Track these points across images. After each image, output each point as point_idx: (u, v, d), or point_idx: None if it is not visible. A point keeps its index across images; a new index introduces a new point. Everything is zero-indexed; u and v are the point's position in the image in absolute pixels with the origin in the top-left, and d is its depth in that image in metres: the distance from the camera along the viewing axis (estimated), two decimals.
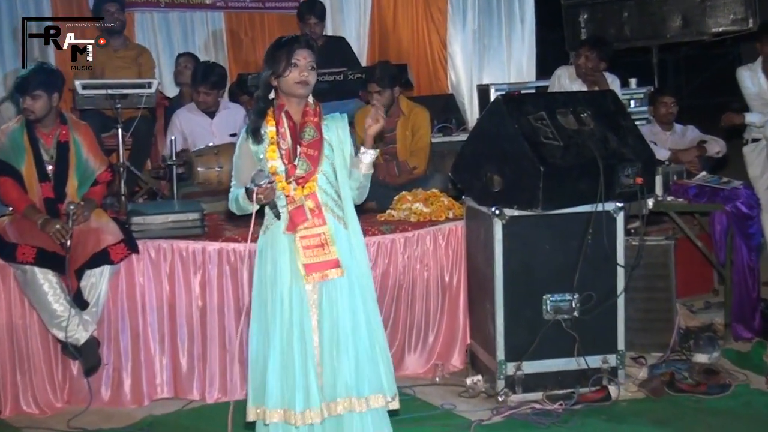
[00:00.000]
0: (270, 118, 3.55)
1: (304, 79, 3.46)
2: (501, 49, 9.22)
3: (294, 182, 3.49)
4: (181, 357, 4.83)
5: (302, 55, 3.46)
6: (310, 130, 3.54)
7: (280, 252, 3.50)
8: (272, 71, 3.48)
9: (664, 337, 5.15)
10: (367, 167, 3.56)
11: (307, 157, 3.51)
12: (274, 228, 3.52)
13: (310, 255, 3.48)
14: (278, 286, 3.49)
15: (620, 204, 4.70)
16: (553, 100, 4.97)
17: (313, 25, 7.26)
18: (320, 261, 3.48)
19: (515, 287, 4.63)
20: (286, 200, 3.50)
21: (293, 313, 3.47)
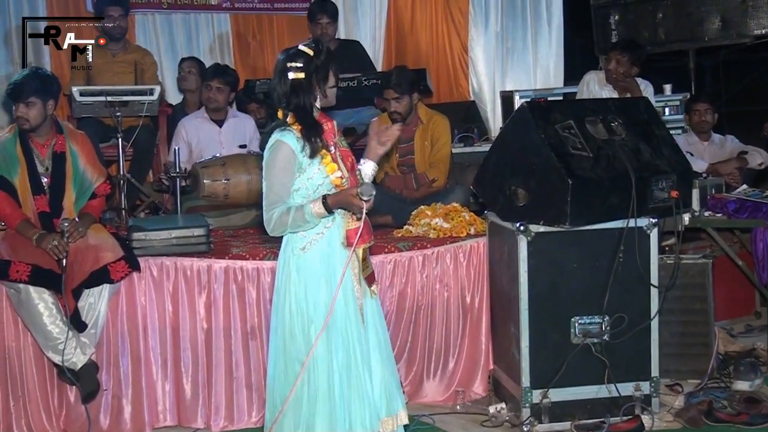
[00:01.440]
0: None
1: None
2: (526, 53, 9.24)
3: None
4: (185, 383, 4.86)
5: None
6: (342, 140, 3.66)
7: (335, 267, 3.51)
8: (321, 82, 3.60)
9: (701, 363, 5.14)
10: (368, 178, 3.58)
11: (353, 168, 3.60)
12: (322, 244, 3.50)
13: (365, 267, 3.58)
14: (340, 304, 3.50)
15: (654, 219, 4.71)
16: (582, 108, 4.98)
17: (324, 25, 7.31)
18: (370, 273, 3.62)
19: (541, 309, 4.64)
20: (347, 216, 3.53)
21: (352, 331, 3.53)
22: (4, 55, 7.73)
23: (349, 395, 3.49)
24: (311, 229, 3.47)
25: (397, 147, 6.16)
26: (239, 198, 5.83)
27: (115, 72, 6.82)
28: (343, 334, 3.50)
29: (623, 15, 8.94)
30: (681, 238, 5.03)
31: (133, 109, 5.92)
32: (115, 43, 6.91)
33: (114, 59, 6.88)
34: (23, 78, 4.72)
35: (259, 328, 4.86)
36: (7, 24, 7.68)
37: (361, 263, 3.56)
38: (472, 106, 8.82)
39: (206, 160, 5.98)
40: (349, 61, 7.27)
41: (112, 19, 6.80)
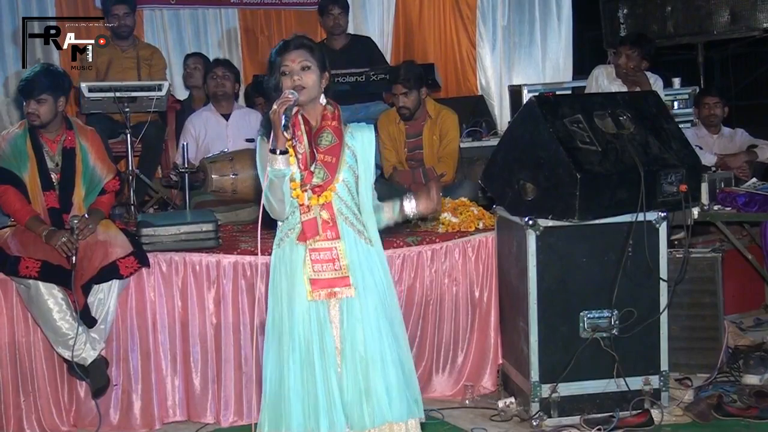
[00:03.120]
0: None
1: (298, 83, 3.38)
2: (534, 48, 9.23)
3: (309, 190, 3.44)
4: (195, 378, 4.87)
5: (290, 59, 3.40)
6: (327, 135, 3.49)
7: (296, 264, 3.46)
8: (274, 82, 3.45)
9: (711, 356, 5.14)
10: (392, 220, 3.59)
11: (325, 164, 3.45)
12: (290, 240, 3.47)
13: (318, 270, 3.43)
14: (296, 302, 3.44)
15: (663, 213, 4.70)
16: (591, 102, 4.98)
17: (337, 15, 7.33)
18: (328, 278, 3.43)
19: (550, 303, 4.64)
20: (300, 210, 3.44)
21: (313, 331, 3.42)
22: (13, 53, 7.76)
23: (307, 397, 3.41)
24: (285, 226, 3.48)
25: (406, 142, 6.17)
26: (247, 193, 5.84)
27: (125, 68, 6.83)
28: (299, 338, 3.42)
29: (632, 9, 8.94)
30: (690, 231, 5.01)
31: (141, 104, 5.93)
32: (124, 41, 6.92)
33: (123, 55, 6.89)
34: (34, 75, 4.72)
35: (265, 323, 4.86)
36: (16, 22, 7.70)
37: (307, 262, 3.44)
38: (480, 100, 8.81)
39: (214, 155, 5.99)
40: (359, 56, 7.28)
41: (117, 18, 6.81)
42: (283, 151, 3.31)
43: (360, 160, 3.51)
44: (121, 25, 6.83)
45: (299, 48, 3.43)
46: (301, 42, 3.46)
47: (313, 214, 3.43)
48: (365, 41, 7.77)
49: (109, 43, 6.78)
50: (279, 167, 3.32)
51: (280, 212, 3.43)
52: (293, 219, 3.45)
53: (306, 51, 3.43)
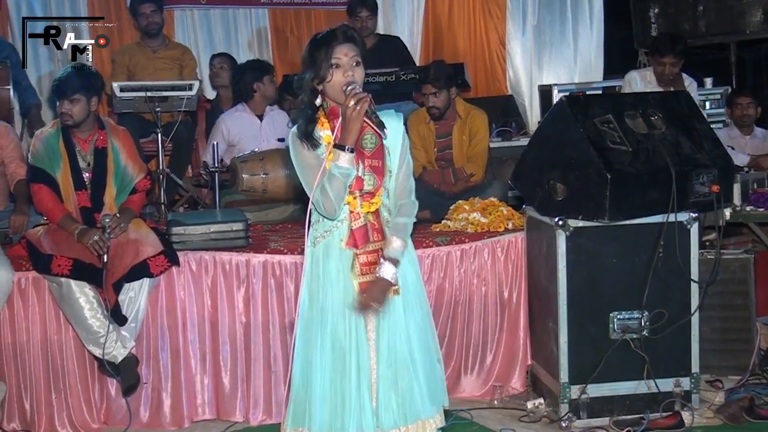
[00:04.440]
0: (323, 120, 3.37)
1: (350, 79, 3.26)
2: (565, 47, 9.20)
3: (359, 197, 3.36)
4: (224, 376, 4.89)
5: (342, 51, 3.27)
6: (371, 137, 3.36)
7: (336, 267, 3.39)
8: (314, 75, 3.30)
9: (742, 358, 5.09)
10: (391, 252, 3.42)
11: (373, 169, 3.35)
12: (329, 240, 3.39)
13: (366, 273, 3.38)
14: (330, 304, 3.39)
15: (694, 214, 4.66)
16: (621, 102, 4.94)
17: (365, 18, 7.34)
18: (370, 282, 3.38)
19: (580, 304, 4.61)
20: (350, 216, 3.36)
21: (349, 333, 3.38)
22: (46, 53, 7.82)
23: (335, 398, 3.38)
24: (321, 226, 3.39)
25: (436, 142, 6.16)
26: (277, 192, 5.86)
27: (157, 69, 6.88)
28: (333, 338, 3.38)
29: (663, 8, 8.88)
30: (722, 232, 4.98)
31: (172, 104, 5.97)
32: (154, 40, 6.97)
33: (155, 56, 6.94)
34: (68, 75, 4.77)
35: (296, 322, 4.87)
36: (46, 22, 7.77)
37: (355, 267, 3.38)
38: (509, 100, 8.80)
39: (245, 155, 6.01)
40: (389, 57, 7.29)
41: (144, 16, 6.87)
42: (351, 149, 3.23)
43: (392, 154, 3.42)
44: (150, 23, 6.89)
45: (350, 41, 3.31)
46: (352, 35, 3.34)
47: (364, 221, 3.38)
48: (394, 41, 7.78)
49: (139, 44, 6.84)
50: (345, 165, 3.23)
51: (336, 210, 3.31)
52: (329, 223, 3.38)
53: (355, 45, 3.32)
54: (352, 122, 3.20)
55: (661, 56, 6.45)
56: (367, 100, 3.18)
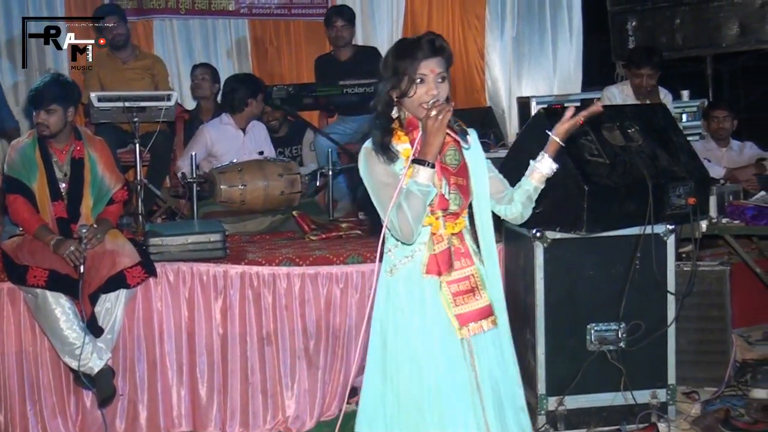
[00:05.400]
0: (400, 134, 3.10)
1: (434, 97, 2.98)
2: (543, 58, 9.22)
3: (442, 218, 3.10)
4: (201, 388, 4.86)
5: (429, 67, 2.99)
6: (454, 153, 3.12)
7: (430, 300, 3.09)
8: (393, 87, 3.04)
9: (718, 370, 5.11)
10: (541, 180, 3.23)
11: (458, 187, 3.10)
12: (409, 269, 3.10)
13: (461, 303, 3.09)
14: (438, 343, 3.07)
15: (671, 226, 4.69)
16: (599, 114, 4.95)
17: (340, 28, 7.39)
18: (473, 309, 3.10)
19: (557, 316, 4.62)
20: (433, 239, 3.08)
21: (453, 374, 3.07)
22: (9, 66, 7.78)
23: None
24: (400, 252, 3.10)
25: None
26: (256, 204, 5.84)
27: (127, 79, 6.86)
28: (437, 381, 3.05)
29: (641, 21, 8.92)
30: (698, 244, 5.01)
31: (150, 114, 5.93)
32: (122, 51, 6.95)
33: (125, 66, 6.92)
34: (44, 85, 4.74)
35: (275, 334, 4.86)
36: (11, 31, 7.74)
37: (446, 296, 3.09)
38: (488, 111, 8.79)
39: (223, 166, 5.99)
40: (365, 68, 7.30)
41: (108, 30, 6.84)
42: (432, 164, 2.93)
43: (472, 169, 3.18)
44: (115, 36, 6.86)
45: (440, 54, 3.03)
46: (441, 46, 3.04)
47: (447, 244, 3.10)
48: (370, 52, 7.78)
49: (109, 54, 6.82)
50: (424, 182, 2.92)
51: (414, 232, 2.97)
52: (408, 248, 3.10)
53: (443, 59, 3.04)
54: (434, 134, 2.91)
55: (637, 68, 6.50)
56: (450, 110, 2.91)
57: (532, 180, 3.23)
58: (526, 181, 3.24)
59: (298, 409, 4.89)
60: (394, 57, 3.04)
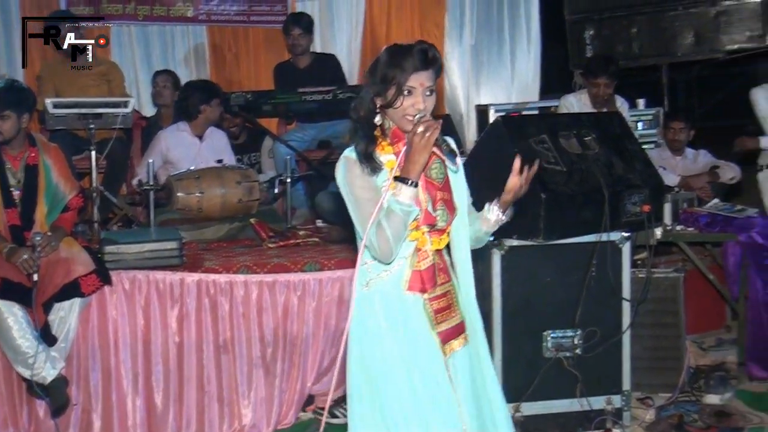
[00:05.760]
0: (384, 144, 2.96)
1: (420, 111, 2.85)
2: (502, 67, 9.25)
3: (428, 233, 2.98)
4: (156, 397, 4.82)
5: (420, 80, 2.85)
6: (439, 167, 3.01)
7: (413, 318, 2.96)
8: (377, 93, 2.90)
9: (672, 376, 5.15)
10: (492, 226, 3.11)
11: (445, 202, 2.99)
12: (386, 283, 2.97)
13: (441, 320, 2.98)
14: (423, 362, 2.95)
15: (626, 234, 4.73)
16: (556, 122, 5.00)
17: (297, 36, 7.39)
18: (451, 326, 3.01)
19: (514, 323, 4.63)
20: (417, 255, 2.96)
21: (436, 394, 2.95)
22: None
23: None
24: (377, 265, 2.95)
25: None
26: (213, 211, 5.81)
27: (83, 85, 6.78)
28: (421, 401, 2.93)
29: (598, 30, 8.99)
30: (653, 251, 5.05)
31: (106, 121, 5.88)
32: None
33: (80, 73, 6.84)
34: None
35: (232, 342, 4.84)
36: None
37: (429, 316, 2.97)
38: (447, 119, 8.80)
39: (180, 173, 5.94)
40: (323, 75, 7.30)
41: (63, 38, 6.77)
42: (415, 183, 2.81)
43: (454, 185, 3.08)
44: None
45: (431, 67, 2.89)
46: (433, 57, 2.90)
47: (432, 261, 2.99)
48: (329, 59, 7.79)
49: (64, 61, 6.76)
50: (406, 201, 2.80)
51: (393, 252, 2.85)
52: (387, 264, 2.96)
53: (435, 72, 2.91)
54: (420, 152, 2.78)
55: (594, 77, 6.55)
56: (438, 127, 2.78)
57: (482, 225, 3.11)
58: (478, 224, 3.12)
59: (255, 418, 4.87)
60: (383, 64, 2.89)
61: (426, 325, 2.97)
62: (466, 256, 3.07)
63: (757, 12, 8.31)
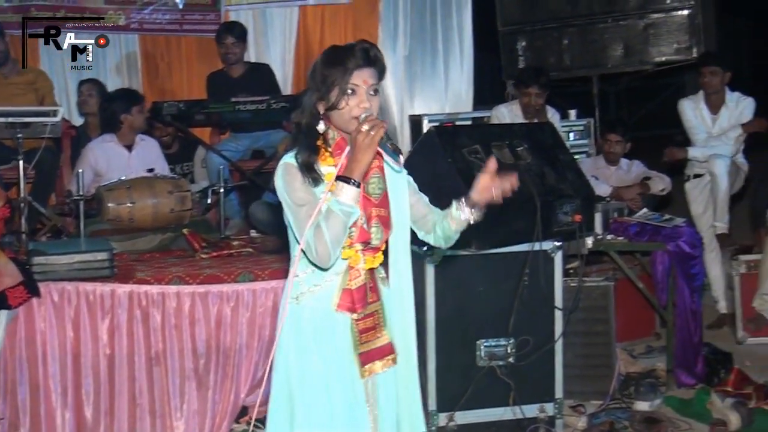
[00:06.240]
0: (326, 154, 2.85)
1: (365, 111, 2.76)
2: (435, 77, 9.30)
3: (361, 251, 2.89)
4: (86, 410, 4.75)
5: (362, 77, 2.76)
6: (378, 181, 2.90)
7: (335, 336, 2.89)
8: (320, 98, 2.81)
9: (603, 384, 5.22)
10: (463, 224, 3.03)
11: (380, 219, 2.89)
12: (317, 299, 2.89)
13: (365, 341, 2.90)
14: (338, 381, 2.88)
15: (558, 243, 4.78)
16: (489, 133, 5.05)
17: (230, 45, 7.37)
18: (375, 348, 2.93)
19: (448, 332, 4.66)
20: (349, 274, 2.87)
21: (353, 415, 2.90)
22: None
23: None
24: (309, 279, 2.87)
25: None
26: (145, 222, 5.74)
27: (10, 94, 6.67)
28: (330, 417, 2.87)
29: (530, 41, 9.11)
30: (584, 261, 5.12)
31: (35, 130, 5.78)
32: (4, 66, 6.79)
33: (7, 81, 6.74)
34: None
35: (164, 354, 4.78)
36: None
37: (354, 336, 2.90)
38: None
39: (111, 183, 5.87)
40: (256, 85, 7.28)
41: None
42: (358, 183, 2.72)
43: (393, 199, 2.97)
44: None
45: (374, 65, 2.80)
46: (375, 56, 2.82)
47: (363, 280, 2.90)
48: (263, 69, 7.77)
49: None
50: (348, 201, 2.70)
51: (331, 255, 2.73)
52: (324, 273, 2.87)
53: (377, 70, 2.82)
54: (364, 151, 2.68)
55: (525, 87, 6.64)
56: (384, 126, 2.69)
57: (452, 224, 3.02)
58: (447, 223, 3.03)
59: (188, 430, 4.82)
60: (323, 65, 2.79)
61: (350, 345, 2.89)
62: (407, 275, 2.98)
63: (685, 25, 8.51)
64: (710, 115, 6.73)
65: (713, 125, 6.71)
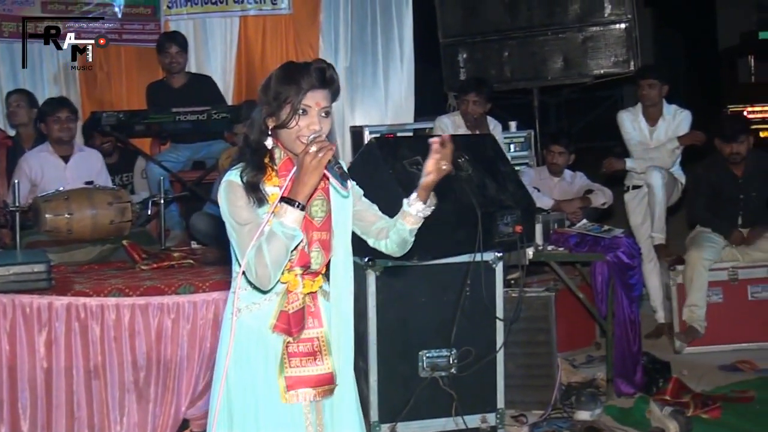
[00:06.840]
0: (272, 175, 2.81)
1: (315, 130, 2.72)
2: (376, 89, 9.34)
3: (300, 275, 2.85)
4: (23, 425, 4.66)
5: (315, 99, 2.73)
6: (321, 203, 2.86)
7: (259, 358, 2.85)
8: (270, 113, 2.77)
9: (545, 393, 5.25)
10: (417, 221, 2.99)
11: (321, 243, 2.86)
12: (255, 316, 2.85)
13: (296, 365, 2.84)
14: (264, 403, 2.84)
15: (499, 254, 4.82)
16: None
17: (174, 54, 7.34)
18: (310, 375, 2.85)
19: (390, 343, 4.67)
20: (288, 298, 2.83)
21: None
22: None
23: None
24: (248, 296, 2.83)
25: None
26: (83, 233, 5.68)
27: None
28: None
29: (471, 53, 9.20)
30: (525, 271, 5.16)
31: None
32: None
33: None
34: None
35: (103, 367, 4.73)
36: None
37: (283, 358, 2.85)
38: None
39: (48, 194, 5.79)
40: (198, 95, 7.25)
41: None
42: (302, 206, 2.67)
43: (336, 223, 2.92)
44: None
45: (328, 87, 2.77)
46: (331, 77, 2.78)
47: (301, 304, 2.85)
48: (204, 80, 7.75)
49: None
50: (291, 224, 2.65)
51: (271, 278, 2.69)
52: (263, 293, 2.83)
53: (331, 93, 2.79)
54: (310, 173, 2.63)
55: (464, 94, 6.74)
56: (332, 149, 2.64)
57: (406, 223, 2.98)
58: (401, 224, 2.98)
59: None
60: (277, 81, 2.74)
61: (275, 367, 2.84)
62: (347, 299, 2.94)
63: (622, 39, 8.65)
64: (648, 127, 6.85)
65: (651, 137, 6.83)
